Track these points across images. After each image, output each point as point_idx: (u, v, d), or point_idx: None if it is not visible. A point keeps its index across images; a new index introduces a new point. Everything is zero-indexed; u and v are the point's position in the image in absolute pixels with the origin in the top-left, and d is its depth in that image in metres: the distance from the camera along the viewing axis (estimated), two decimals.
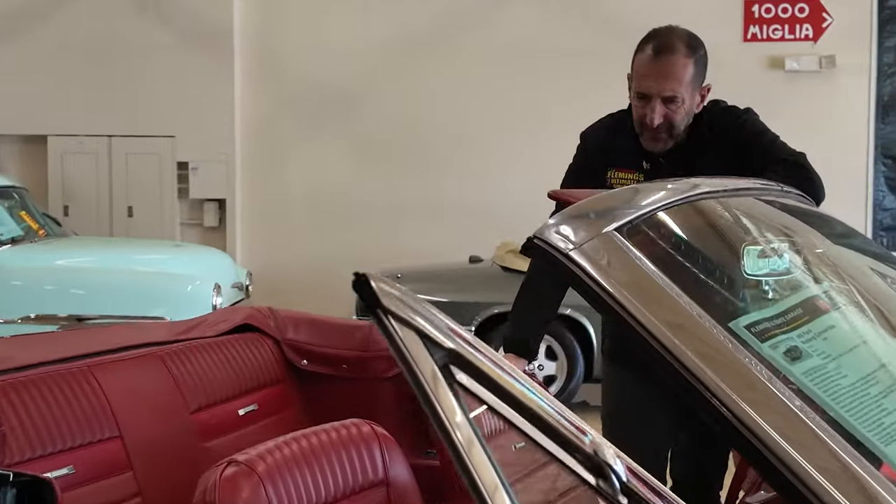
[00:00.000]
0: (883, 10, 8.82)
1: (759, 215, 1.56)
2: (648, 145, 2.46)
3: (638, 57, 2.45)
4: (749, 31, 8.88)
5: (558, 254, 1.16)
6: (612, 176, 2.56)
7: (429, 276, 7.00)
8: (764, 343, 1.14)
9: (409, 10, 8.96)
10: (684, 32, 2.46)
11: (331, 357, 2.88)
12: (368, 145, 9.03)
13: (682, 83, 2.37)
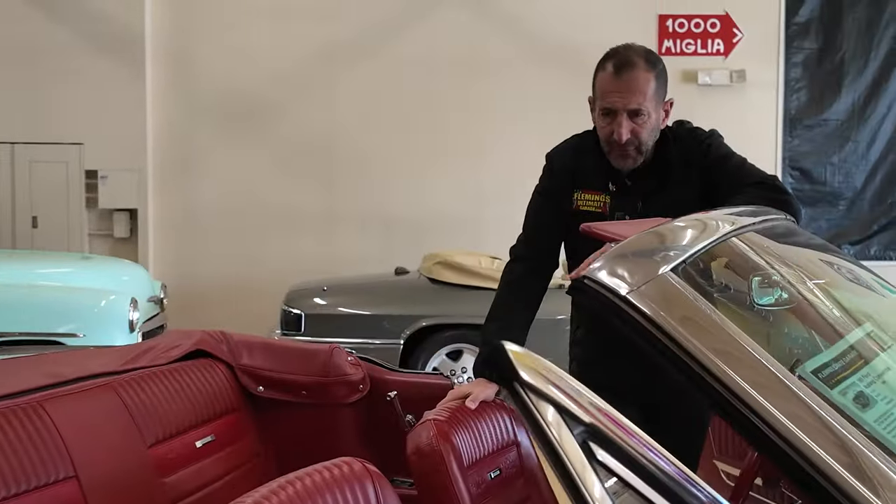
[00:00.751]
0: (790, 27, 9.16)
1: (789, 250, 1.55)
2: (617, 163, 2.45)
3: (599, 76, 2.43)
4: (663, 45, 9.08)
5: (614, 296, 1.12)
6: (579, 198, 2.54)
7: (355, 289, 6.90)
8: (833, 389, 1.12)
9: (331, 17, 8.84)
10: (642, 49, 2.46)
11: (289, 383, 2.77)
12: (289, 155, 8.86)
13: (647, 96, 2.37)
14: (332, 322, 6.52)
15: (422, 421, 2.28)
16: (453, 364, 6.45)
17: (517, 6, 8.99)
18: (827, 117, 9.21)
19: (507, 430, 2.47)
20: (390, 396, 2.74)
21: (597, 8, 9.00)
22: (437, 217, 8.83)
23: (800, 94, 9.20)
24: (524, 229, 2.67)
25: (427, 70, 8.89)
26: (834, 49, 9.20)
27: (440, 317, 6.47)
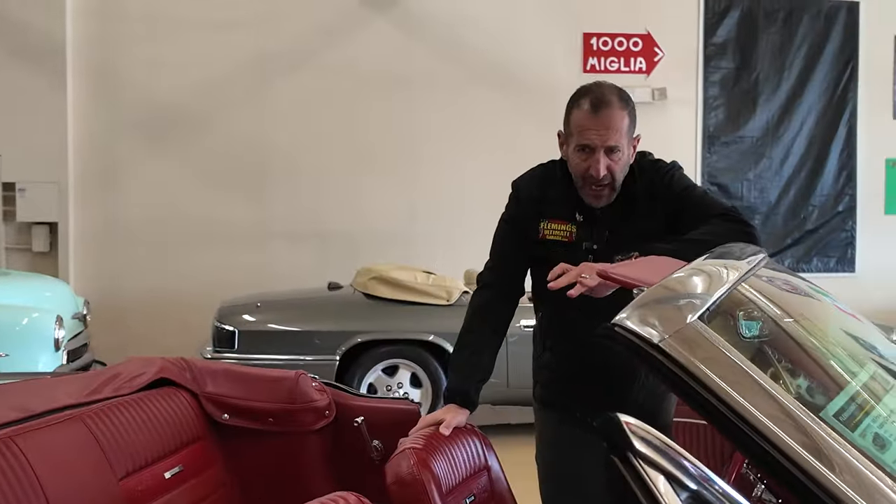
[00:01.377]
0: (708, 47, 9.48)
1: (784, 294, 1.63)
2: (591, 201, 2.52)
3: (575, 112, 2.50)
4: (588, 62, 9.29)
5: (646, 344, 1.17)
6: (546, 227, 2.59)
7: (289, 305, 6.85)
8: (854, 432, 1.19)
9: (260, 29, 8.76)
10: (614, 87, 2.54)
11: (255, 410, 2.76)
12: (218, 167, 8.74)
13: (622, 134, 2.45)
14: (266, 338, 6.46)
15: (399, 450, 2.30)
16: (389, 380, 6.47)
17: (447, 23, 9.07)
18: (743, 134, 9.55)
19: (479, 455, 2.52)
20: (358, 422, 2.76)
21: (524, 25, 9.16)
22: (369, 231, 8.83)
23: (717, 111, 9.52)
24: (491, 256, 2.72)
25: (358, 84, 8.89)
26: (749, 69, 9.56)
27: (376, 332, 6.48)
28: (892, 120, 9.90)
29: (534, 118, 9.12)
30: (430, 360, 6.48)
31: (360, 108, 8.91)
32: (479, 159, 9.01)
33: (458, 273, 7.31)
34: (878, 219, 9.87)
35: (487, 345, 2.60)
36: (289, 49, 8.86)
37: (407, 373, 6.49)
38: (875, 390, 1.39)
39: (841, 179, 9.75)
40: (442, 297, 6.60)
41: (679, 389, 1.18)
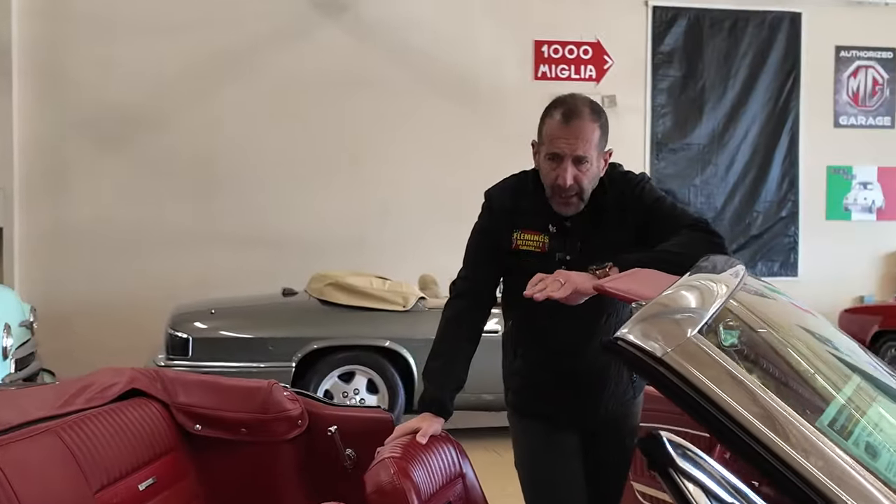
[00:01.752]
0: (656, 55, 9.65)
1: (770, 304, 1.69)
2: (560, 209, 2.56)
3: (547, 122, 2.54)
4: (539, 69, 9.39)
5: (649, 358, 1.21)
6: (519, 238, 2.63)
7: (244, 312, 6.80)
8: (848, 441, 1.25)
9: (211, 31, 8.68)
10: (587, 99, 2.59)
11: (227, 420, 2.75)
12: (168, 170, 8.62)
13: (591, 145, 2.50)
14: (221, 346, 6.41)
15: (379, 459, 2.32)
16: (346, 386, 6.46)
17: (398, 27, 9.09)
18: (690, 141, 9.73)
19: (455, 463, 2.55)
20: (331, 431, 2.77)
21: (476, 31, 9.22)
22: (321, 236, 8.80)
23: (665, 119, 9.70)
24: (464, 266, 2.75)
25: (310, 87, 8.86)
26: (696, 77, 9.75)
27: (332, 339, 6.47)
28: (833, 128, 10.18)
29: (485, 124, 9.20)
30: (387, 366, 6.49)
31: (312, 111, 8.88)
32: (431, 164, 9.05)
33: (411, 278, 7.34)
34: (820, 224, 10.14)
35: (461, 354, 2.63)
36: (240, 52, 8.80)
37: (363, 379, 6.49)
38: (862, 402, 1.45)
39: (784, 186, 10.00)
40: (398, 303, 6.62)
41: (681, 400, 1.23)
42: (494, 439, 6.26)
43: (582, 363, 2.66)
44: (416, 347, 6.51)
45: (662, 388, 1.23)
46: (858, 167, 10.26)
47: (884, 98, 10.30)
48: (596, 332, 2.64)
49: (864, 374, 1.60)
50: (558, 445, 2.67)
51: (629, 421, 2.81)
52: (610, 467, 2.80)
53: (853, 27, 10.15)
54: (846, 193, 10.27)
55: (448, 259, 8.62)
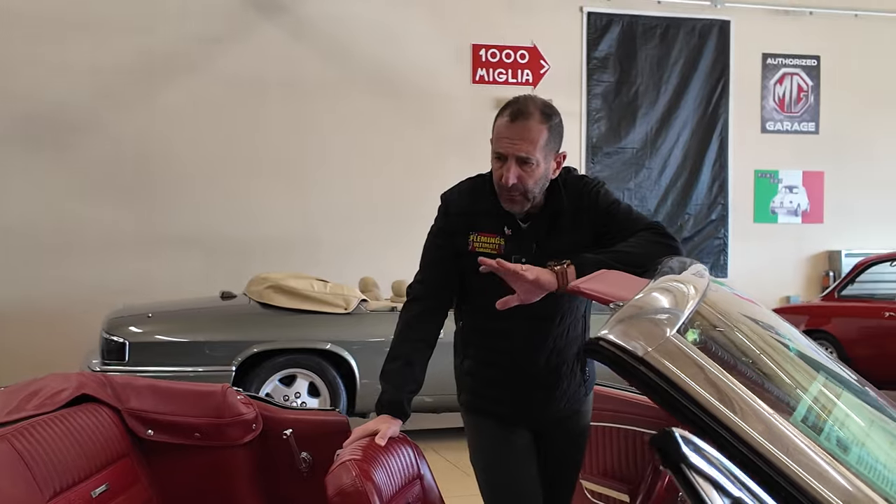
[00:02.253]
0: (591, 61, 9.80)
1: (740, 303, 1.73)
2: (506, 206, 2.58)
3: (497, 121, 2.57)
4: (477, 73, 9.46)
5: (630, 357, 1.24)
6: (475, 240, 2.64)
7: (182, 315, 6.68)
8: (820, 436, 1.29)
9: (145, 31, 8.54)
10: (540, 101, 2.61)
11: (180, 425, 2.71)
12: (101, 172, 8.45)
13: (537, 146, 2.51)
14: (159, 350, 6.30)
15: (339, 461, 2.31)
16: (287, 389, 6.41)
17: (337, 30, 9.06)
18: (624, 146, 9.91)
19: (413, 464, 2.56)
20: (286, 434, 2.76)
21: (415, 35, 9.25)
22: (258, 239, 8.72)
23: (600, 123, 9.86)
24: (420, 269, 2.76)
25: (248, 89, 8.78)
26: (629, 82, 9.94)
27: (273, 342, 6.41)
28: (760, 134, 10.48)
29: (425, 127, 9.23)
30: (328, 369, 6.45)
31: (250, 113, 8.80)
32: (370, 167, 9.05)
33: (351, 281, 7.31)
34: (748, 226, 10.43)
35: (418, 356, 2.64)
36: (176, 52, 8.67)
37: (305, 382, 6.44)
38: (828, 399, 1.50)
39: (714, 189, 10.25)
40: (340, 306, 6.59)
41: (662, 399, 1.26)
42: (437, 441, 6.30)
43: (535, 363, 2.70)
44: (357, 350, 6.49)
45: (644, 386, 1.27)
46: (784, 171, 10.58)
47: (808, 104, 10.64)
48: (549, 333, 2.67)
49: (827, 370, 1.66)
50: (513, 443, 2.70)
51: (581, 420, 2.85)
52: (562, 466, 2.83)
53: (779, 35, 10.47)
54: (773, 197, 10.58)
55: (388, 261, 8.72)
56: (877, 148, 10.77)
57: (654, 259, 2.39)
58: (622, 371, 1.27)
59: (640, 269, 2.33)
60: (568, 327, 2.70)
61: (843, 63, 10.65)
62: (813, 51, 10.62)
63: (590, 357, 1.35)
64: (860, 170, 10.70)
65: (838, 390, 1.59)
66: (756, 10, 10.34)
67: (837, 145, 10.65)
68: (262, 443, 2.79)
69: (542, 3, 9.65)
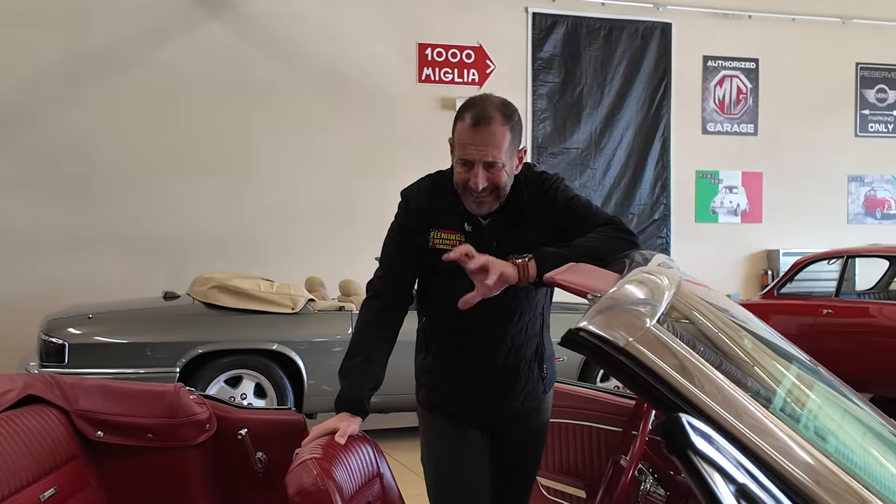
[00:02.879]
0: (536, 61, 9.84)
1: (712, 299, 1.73)
2: (473, 209, 2.57)
3: (458, 126, 2.54)
4: (423, 72, 9.44)
5: (611, 348, 1.23)
6: (435, 237, 2.62)
7: (124, 316, 6.53)
8: (798, 424, 1.29)
9: (81, 26, 8.33)
10: (499, 101, 2.59)
11: (132, 426, 2.64)
12: (35, 170, 8.23)
13: (502, 150, 2.50)
14: (100, 352, 6.15)
15: (299, 460, 2.27)
16: (232, 391, 6.31)
17: (281, 26, 8.96)
18: (569, 146, 9.98)
19: (372, 463, 2.53)
20: (241, 434, 2.70)
21: (361, 33, 9.19)
22: (199, 238, 8.58)
23: (545, 123, 9.91)
24: (380, 266, 2.72)
25: (190, 86, 8.63)
26: (574, 83, 10.01)
27: (217, 343, 6.30)
28: (702, 135, 10.65)
29: (369, 125, 9.18)
30: (275, 370, 6.37)
31: (193, 110, 8.66)
32: (313, 164, 8.97)
33: (296, 281, 7.23)
34: (690, 226, 10.59)
35: (378, 353, 2.61)
36: (118, 47, 8.49)
37: (251, 383, 6.35)
38: (803, 390, 1.52)
39: (657, 189, 10.39)
40: (287, 306, 6.51)
41: (642, 389, 1.25)
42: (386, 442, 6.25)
43: (494, 360, 2.69)
44: (305, 350, 6.42)
45: (624, 377, 1.26)
46: (724, 172, 10.77)
47: (747, 106, 10.84)
48: (509, 329, 2.66)
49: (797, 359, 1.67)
50: (465, 442, 2.69)
51: (539, 417, 2.85)
52: (520, 463, 2.83)
53: (719, 38, 10.65)
54: (714, 197, 10.76)
55: (334, 261, 8.63)
56: (813, 149, 11.02)
57: (614, 253, 2.39)
58: (602, 362, 1.25)
59: (601, 263, 2.33)
60: (527, 324, 2.69)
61: (781, 66, 10.88)
62: (752, 54, 10.83)
63: (569, 348, 1.33)
64: (797, 171, 10.94)
65: (811, 381, 1.61)
66: (697, 13, 10.51)
67: (775, 146, 10.88)
68: (216, 443, 2.73)
69: (488, 3, 9.67)
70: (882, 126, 11.40)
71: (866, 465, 1.34)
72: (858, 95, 11.28)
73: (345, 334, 6.48)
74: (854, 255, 8.51)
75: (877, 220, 11.44)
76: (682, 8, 10.41)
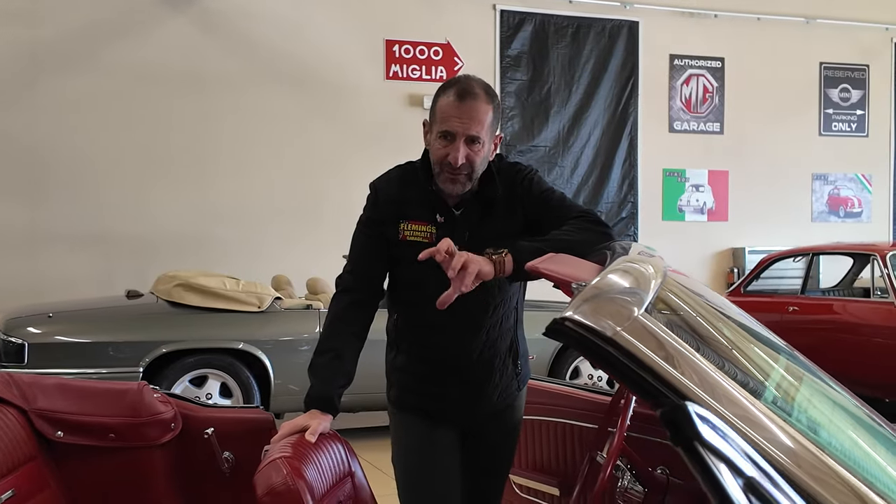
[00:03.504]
0: (504, 59, 9.81)
1: (691, 281, 1.69)
2: (446, 187, 2.51)
3: (442, 100, 2.49)
4: (391, 69, 9.37)
5: (598, 338, 1.18)
6: (406, 228, 2.57)
7: (86, 315, 6.39)
8: (791, 417, 1.25)
9: (34, 20, 8.15)
10: (481, 81, 2.56)
11: (93, 426, 2.55)
12: None
13: (484, 126, 2.47)
14: (61, 351, 6.02)
15: (268, 459, 2.20)
16: (197, 390, 6.20)
17: (246, 22, 8.84)
18: (537, 143, 9.97)
19: (344, 461, 2.46)
20: (208, 433, 2.63)
21: (327, 30, 9.11)
22: (158, 236, 8.44)
23: (514, 121, 9.89)
24: (349, 260, 2.66)
25: (153, 81, 8.49)
26: (542, 81, 10.00)
27: (182, 342, 6.19)
28: (668, 133, 10.68)
29: (336, 122, 9.10)
30: (241, 369, 6.27)
31: (154, 106, 8.52)
32: (278, 162, 8.87)
33: (260, 278, 7.12)
34: (657, 224, 10.62)
35: (349, 349, 2.54)
36: (74, 41, 8.32)
37: (216, 383, 6.25)
38: (791, 382, 1.48)
39: (624, 188, 10.40)
40: (253, 304, 6.42)
41: (629, 380, 1.20)
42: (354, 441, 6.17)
43: (469, 356, 2.64)
44: (271, 349, 6.33)
45: (611, 367, 1.21)
46: (691, 170, 10.82)
47: (713, 105, 10.90)
48: (483, 324, 2.62)
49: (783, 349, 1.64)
50: (436, 441, 2.64)
51: (514, 414, 2.80)
52: (493, 461, 2.78)
53: (686, 37, 10.70)
54: (680, 195, 10.80)
55: (300, 260, 8.52)
56: (777, 148, 11.10)
57: (590, 245, 2.36)
58: (588, 352, 1.21)
59: (577, 254, 2.30)
60: (501, 318, 2.65)
61: (747, 65, 10.95)
62: (718, 53, 10.88)
63: (553, 338, 1.28)
64: (762, 169, 11.02)
65: (800, 373, 1.57)
66: (663, 12, 10.54)
67: (741, 145, 10.94)
68: (182, 443, 2.65)
69: (456, 0, 9.63)
70: (845, 125, 11.52)
71: (859, 458, 1.30)
72: (822, 95, 11.38)
73: (312, 333, 6.40)
74: (819, 253, 8.58)
75: (840, 219, 11.56)
76: (649, 7, 10.43)
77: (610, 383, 7.05)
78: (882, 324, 7.40)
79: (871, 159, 11.64)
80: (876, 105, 11.60)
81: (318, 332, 6.50)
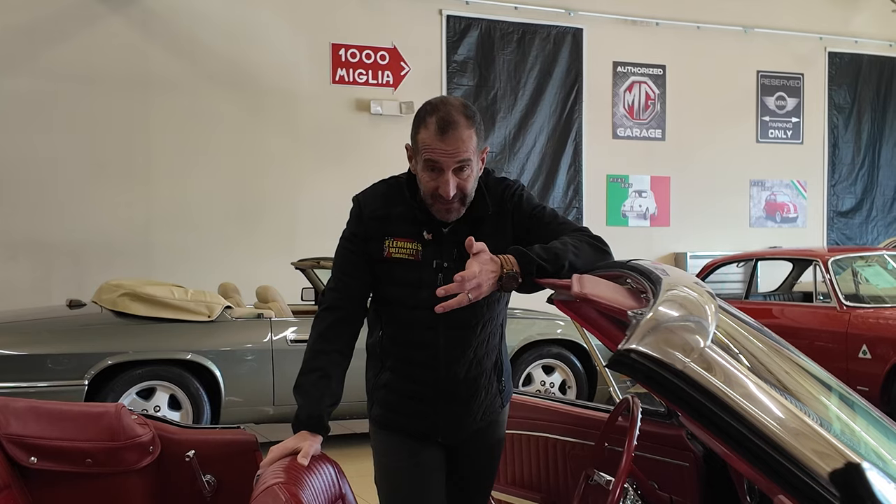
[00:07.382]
0: (450, 64, 9.78)
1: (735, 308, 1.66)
2: (442, 216, 2.45)
3: (423, 132, 2.40)
4: (337, 73, 9.26)
5: (667, 371, 1.13)
6: (391, 245, 2.50)
7: (24, 326, 6.13)
8: (860, 451, 1.22)
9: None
10: (459, 103, 2.48)
11: (69, 451, 2.43)
12: None
13: (471, 152, 2.41)
14: (0, 365, 5.76)
15: (264, 486, 2.10)
16: (145, 403, 6.01)
17: (188, 24, 8.64)
18: None
19: (335, 483, 2.38)
20: (189, 456, 2.52)
21: (271, 32, 8.96)
22: (99, 243, 8.18)
23: None
24: (333, 276, 2.57)
25: (91, 83, 8.23)
26: (488, 86, 10.00)
27: (129, 353, 5.99)
28: (612, 140, 10.78)
29: (279, 125, 8.95)
30: (191, 381, 6.10)
31: (92, 109, 8.27)
32: (218, 165, 8.69)
33: (203, 286, 6.95)
34: (601, 229, 10.64)
35: (335, 367, 2.46)
36: (9, 41, 8.02)
37: (165, 395, 6.06)
38: (845, 407, 1.46)
39: (570, 193, 10.46)
40: (203, 313, 6.25)
41: (699, 413, 1.16)
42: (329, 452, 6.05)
43: (455, 374, 2.58)
44: (222, 359, 6.17)
45: (679, 401, 1.16)
46: (634, 176, 10.93)
47: (655, 112, 11.04)
48: (471, 342, 2.56)
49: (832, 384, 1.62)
50: (422, 462, 2.58)
51: (497, 430, 2.76)
52: (477, 478, 2.73)
53: (628, 44, 10.82)
54: (624, 201, 10.91)
55: (242, 265, 8.35)
56: (717, 154, 11.30)
57: (594, 262, 2.33)
58: (655, 384, 1.16)
59: (579, 269, 2.27)
60: (488, 336, 2.60)
61: (687, 72, 11.12)
62: (659, 60, 11.02)
63: (617, 370, 1.23)
64: (702, 175, 11.20)
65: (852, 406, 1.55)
66: (607, 20, 10.64)
67: (682, 151, 11.11)
68: (161, 467, 2.54)
69: (403, 5, 9.56)
70: (781, 132, 11.78)
71: None
72: (759, 102, 11.62)
73: (264, 343, 6.27)
74: (762, 258, 8.74)
75: (777, 224, 11.82)
76: (593, 14, 10.52)
77: (562, 391, 7.05)
78: (824, 328, 7.57)
79: (806, 166, 11.93)
80: (810, 113, 11.90)
81: (267, 341, 6.38)
